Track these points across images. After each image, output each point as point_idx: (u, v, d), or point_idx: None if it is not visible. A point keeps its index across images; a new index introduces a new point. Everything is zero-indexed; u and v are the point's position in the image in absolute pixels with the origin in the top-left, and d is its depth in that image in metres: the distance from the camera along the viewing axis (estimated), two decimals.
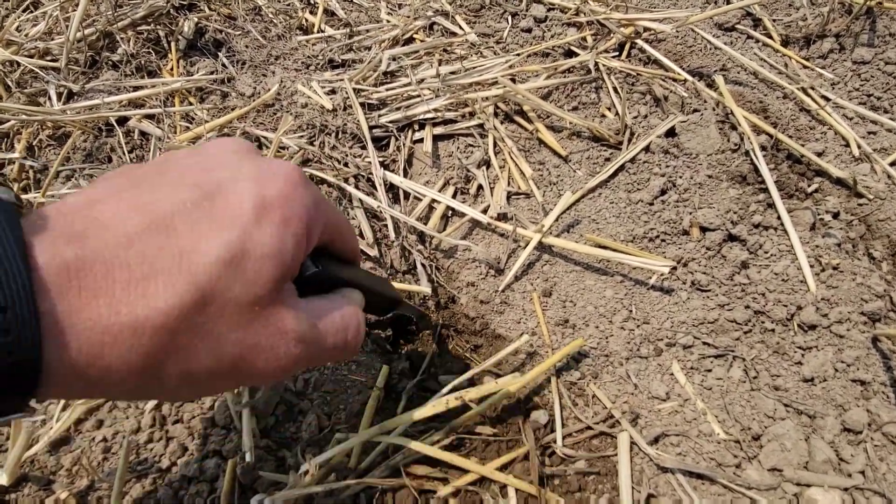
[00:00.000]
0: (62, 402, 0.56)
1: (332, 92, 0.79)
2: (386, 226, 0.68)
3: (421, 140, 0.76)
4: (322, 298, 0.35)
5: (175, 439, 0.53)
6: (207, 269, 0.27)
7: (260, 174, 0.31)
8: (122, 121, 0.76)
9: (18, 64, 0.80)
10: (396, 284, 0.64)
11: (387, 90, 0.79)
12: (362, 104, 0.76)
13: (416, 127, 0.78)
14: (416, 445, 0.49)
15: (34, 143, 0.77)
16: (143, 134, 0.76)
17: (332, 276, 0.36)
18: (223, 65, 0.85)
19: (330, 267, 0.35)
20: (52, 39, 0.85)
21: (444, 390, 0.55)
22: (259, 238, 0.29)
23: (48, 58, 0.83)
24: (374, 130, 0.75)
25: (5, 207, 0.24)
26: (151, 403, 0.54)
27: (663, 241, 0.67)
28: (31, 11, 0.92)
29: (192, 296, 0.26)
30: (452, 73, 0.80)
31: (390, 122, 0.76)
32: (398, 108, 0.77)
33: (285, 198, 0.31)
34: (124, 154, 0.73)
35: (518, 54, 0.84)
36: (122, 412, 0.55)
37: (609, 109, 0.79)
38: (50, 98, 0.78)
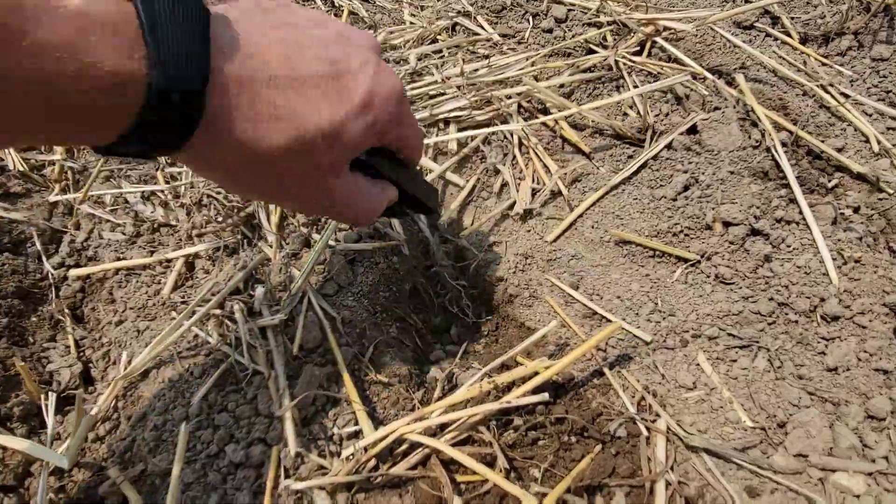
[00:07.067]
0: (115, 390, 0.59)
1: None
2: (416, 222, 0.70)
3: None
4: (364, 178, 0.44)
5: (222, 427, 0.55)
6: (312, 134, 0.36)
7: (377, 75, 0.39)
8: None
9: None
10: None
11: (413, 89, 0.81)
12: None
13: (442, 125, 0.80)
14: (432, 442, 0.51)
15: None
16: None
17: (378, 172, 0.46)
18: None
19: (381, 165, 0.45)
20: None
21: (477, 376, 0.57)
22: (352, 127, 0.38)
23: None
24: None
25: (203, 26, 0.32)
26: (199, 395, 0.57)
27: (687, 235, 0.68)
28: None
29: (295, 146, 0.36)
30: (476, 70, 0.82)
31: (417, 119, 0.78)
32: (425, 107, 0.79)
33: (382, 103, 0.39)
34: None
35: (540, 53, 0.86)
36: (172, 402, 0.57)
37: (631, 107, 0.81)
38: None
